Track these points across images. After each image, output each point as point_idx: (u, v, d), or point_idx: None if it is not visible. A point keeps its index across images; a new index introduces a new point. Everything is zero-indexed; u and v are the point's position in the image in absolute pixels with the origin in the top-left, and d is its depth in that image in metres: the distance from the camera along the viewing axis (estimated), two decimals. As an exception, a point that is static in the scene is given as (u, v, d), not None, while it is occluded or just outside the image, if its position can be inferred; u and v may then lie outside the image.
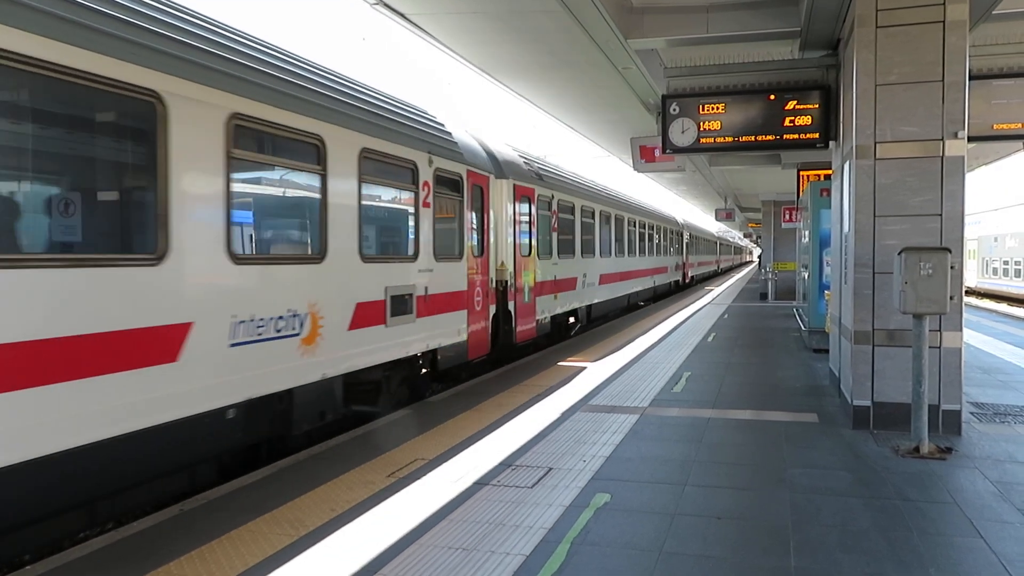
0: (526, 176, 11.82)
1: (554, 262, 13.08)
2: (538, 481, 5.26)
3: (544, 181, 12.69)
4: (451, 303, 8.85)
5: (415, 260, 8.02)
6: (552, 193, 13.02)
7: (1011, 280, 35.80)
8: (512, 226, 11.03)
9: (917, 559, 3.93)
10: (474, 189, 9.68)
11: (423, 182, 8.16)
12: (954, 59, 6.50)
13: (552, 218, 13.06)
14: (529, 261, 11.67)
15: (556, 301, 13.28)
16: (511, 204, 11.03)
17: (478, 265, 9.75)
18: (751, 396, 8.35)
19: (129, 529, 4.45)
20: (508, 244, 10.87)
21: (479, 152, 10.22)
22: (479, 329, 9.79)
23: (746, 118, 8.51)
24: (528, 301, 11.52)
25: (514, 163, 11.56)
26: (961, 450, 6.05)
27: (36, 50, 3.96)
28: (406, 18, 9.70)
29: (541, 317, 12.22)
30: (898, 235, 6.61)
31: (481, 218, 10.02)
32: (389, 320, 7.36)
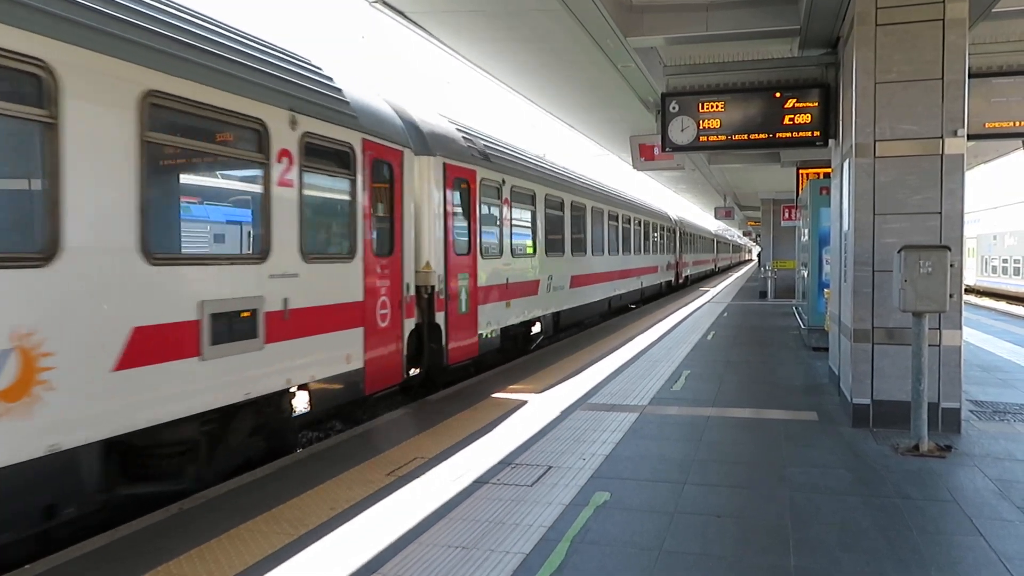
0: (464, 154, 9.53)
1: (506, 262, 10.90)
2: (538, 479, 5.26)
3: (492, 162, 10.41)
4: (335, 319, 6.68)
5: (263, 261, 5.79)
6: (503, 178, 10.75)
7: (1010, 278, 35.82)
8: (443, 217, 8.84)
9: (917, 557, 3.94)
10: (377, 166, 7.41)
11: (279, 151, 5.92)
12: (954, 57, 6.50)
13: (503, 208, 10.90)
14: (468, 261, 9.53)
15: (509, 310, 11.03)
16: (440, 189, 8.84)
17: (384, 267, 7.52)
18: (751, 394, 8.35)
19: (128, 528, 4.45)
20: (436, 240, 8.70)
21: (387, 118, 7.87)
22: (386, 352, 7.53)
23: (746, 116, 8.50)
24: (466, 311, 9.39)
25: (447, 137, 9.32)
26: (961, 448, 6.05)
27: None
28: (406, 16, 9.70)
29: (486, 331, 10.10)
30: (898, 233, 6.61)
31: (390, 205, 7.72)
32: (207, 349, 5.12)
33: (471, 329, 9.60)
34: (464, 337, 9.38)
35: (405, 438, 6.48)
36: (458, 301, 9.21)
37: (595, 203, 16.43)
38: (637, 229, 21.56)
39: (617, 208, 18.78)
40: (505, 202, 10.96)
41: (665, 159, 16.16)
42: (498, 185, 10.66)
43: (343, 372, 6.82)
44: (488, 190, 10.31)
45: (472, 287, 9.62)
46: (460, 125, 10.26)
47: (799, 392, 8.48)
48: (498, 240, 10.75)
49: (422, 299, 8.52)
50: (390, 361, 7.67)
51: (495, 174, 10.52)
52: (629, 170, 23.86)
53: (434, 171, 8.78)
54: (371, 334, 7.27)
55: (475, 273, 9.75)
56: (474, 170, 9.77)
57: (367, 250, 7.22)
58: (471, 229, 9.69)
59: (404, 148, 8.00)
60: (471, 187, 9.70)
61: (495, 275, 10.51)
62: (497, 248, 10.72)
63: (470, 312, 9.54)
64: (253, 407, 5.89)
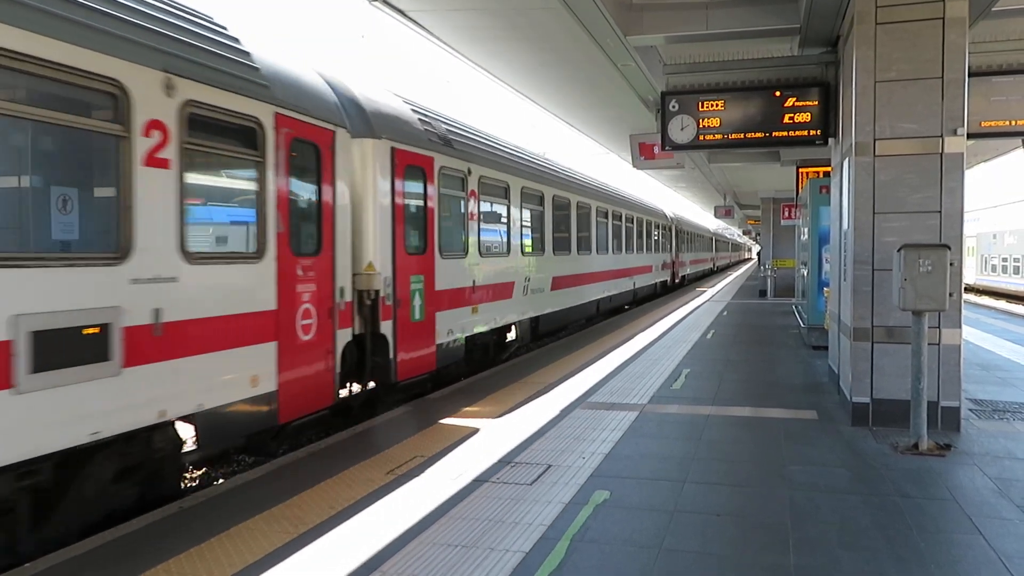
0: (419, 139, 8.31)
1: (472, 262, 9.69)
2: (537, 478, 5.26)
3: (455, 149, 9.22)
4: (234, 333, 5.44)
5: (120, 262, 4.56)
6: (469, 167, 9.55)
7: (1010, 277, 35.83)
8: (391, 211, 7.62)
9: (916, 556, 3.94)
10: (297, 147, 6.25)
11: (146, 122, 4.74)
12: (953, 56, 6.50)
13: (469, 201, 9.63)
14: (423, 261, 8.30)
15: (476, 316, 9.80)
16: (388, 177, 7.62)
17: (308, 269, 6.36)
18: (750, 393, 8.35)
19: (128, 527, 4.45)
20: (382, 237, 7.47)
21: (314, 92, 6.68)
22: (310, 371, 6.36)
23: (745, 115, 8.50)
24: (420, 318, 8.15)
25: (397, 118, 8.09)
26: (960, 447, 6.06)
27: None
28: (405, 15, 9.70)
29: (447, 340, 8.86)
30: (897, 232, 6.61)
31: (318, 195, 6.57)
32: (25, 379, 3.95)
33: (426, 339, 8.34)
34: (417, 348, 8.12)
35: (405, 436, 6.48)
36: (410, 307, 7.94)
37: (581, 198, 15.23)
38: (629, 227, 20.28)
39: (606, 204, 17.47)
40: (472, 195, 9.68)
41: (665, 158, 16.19)
42: (463, 175, 9.44)
43: (247, 397, 5.57)
44: (449, 180, 9.09)
45: (428, 291, 8.37)
46: (417, 106, 8.97)
47: (799, 391, 8.49)
48: (462, 237, 9.51)
49: (364, 306, 7.30)
50: (316, 381, 6.42)
51: (459, 162, 9.29)
52: (628, 169, 23.87)
53: (380, 156, 7.50)
54: (288, 349, 6.04)
55: (432, 275, 8.49)
56: (431, 157, 8.51)
57: (282, 248, 5.98)
58: (427, 225, 8.44)
59: (337, 128, 6.77)
60: (428, 176, 8.46)
61: (458, 277, 9.29)
62: (461, 246, 9.47)
63: (426, 319, 8.29)
64: (111, 448, 4.68)
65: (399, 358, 7.74)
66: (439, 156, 8.73)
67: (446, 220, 9.05)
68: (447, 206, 9.08)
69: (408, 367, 7.95)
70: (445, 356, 8.87)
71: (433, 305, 8.52)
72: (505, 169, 10.99)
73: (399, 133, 7.94)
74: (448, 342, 8.93)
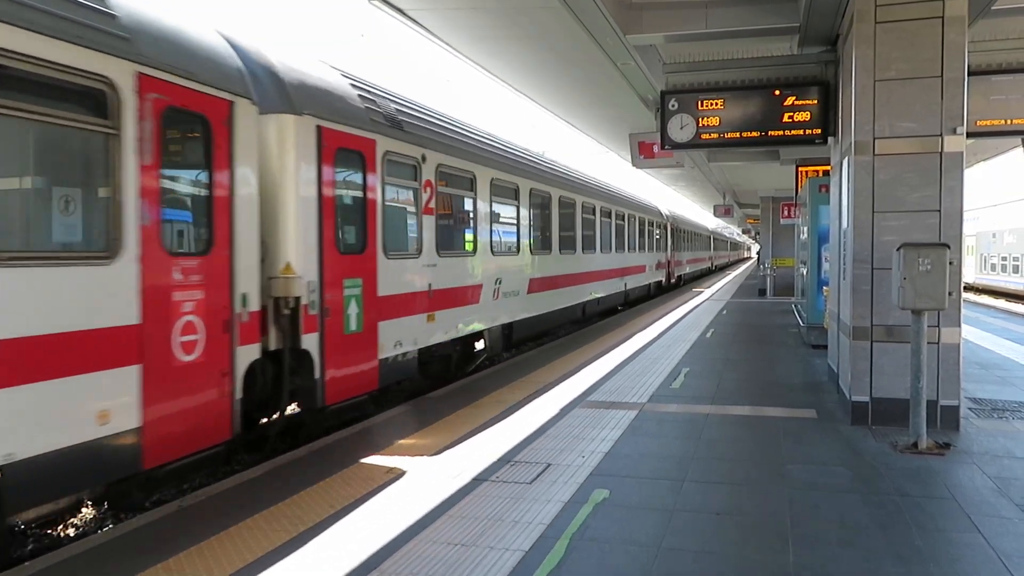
0: (357, 118, 7.14)
1: (428, 263, 8.48)
2: (537, 477, 5.26)
3: (405, 132, 8.01)
4: (72, 356, 4.25)
5: None
6: (423, 153, 8.37)
7: (1009, 276, 35.84)
8: (317, 202, 6.50)
9: (915, 555, 3.94)
10: (173, 118, 5.05)
11: None
12: (953, 55, 6.49)
13: (424, 193, 8.42)
14: (361, 262, 7.15)
15: (433, 324, 8.61)
16: (314, 161, 6.49)
17: (191, 272, 5.14)
18: (750, 392, 8.35)
19: (127, 525, 4.45)
20: (305, 233, 6.34)
21: (204, 52, 5.43)
22: (193, 402, 5.15)
23: (745, 114, 8.50)
24: (357, 329, 7.01)
25: (328, 92, 6.92)
26: (959, 446, 6.06)
27: None
28: (405, 14, 9.69)
29: (394, 353, 7.69)
30: (897, 231, 6.61)
31: (208, 180, 5.33)
32: None
33: (365, 353, 7.17)
34: (353, 364, 6.96)
35: (405, 435, 6.48)
36: (343, 316, 6.77)
37: (565, 193, 13.96)
38: (620, 224, 19.11)
39: (594, 200, 16.27)
40: (427, 186, 8.47)
41: (664, 157, 16.19)
42: (415, 162, 8.20)
43: (90, 440, 4.33)
44: (398, 168, 7.88)
45: (369, 297, 7.18)
46: (359, 81, 7.78)
47: (798, 390, 8.49)
48: (415, 234, 8.29)
49: (281, 316, 6.16)
50: (204, 412, 5.19)
51: (410, 147, 8.07)
52: (627, 168, 23.87)
53: (302, 136, 6.34)
54: (159, 374, 4.82)
55: (373, 278, 7.29)
56: (373, 140, 7.33)
57: (150, 245, 4.76)
58: (367, 220, 7.24)
59: (238, 98, 5.55)
60: (368, 162, 7.27)
61: (410, 280, 8.06)
62: (413, 245, 8.24)
63: (365, 330, 7.12)
64: None
65: (328, 376, 6.56)
66: (384, 139, 7.54)
67: (393, 214, 7.81)
68: (395, 198, 7.87)
69: (340, 387, 6.77)
70: (391, 372, 7.63)
71: (375, 313, 7.28)
72: (470, 157, 9.74)
73: (329, 110, 6.75)
74: (395, 356, 7.70)
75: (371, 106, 7.54)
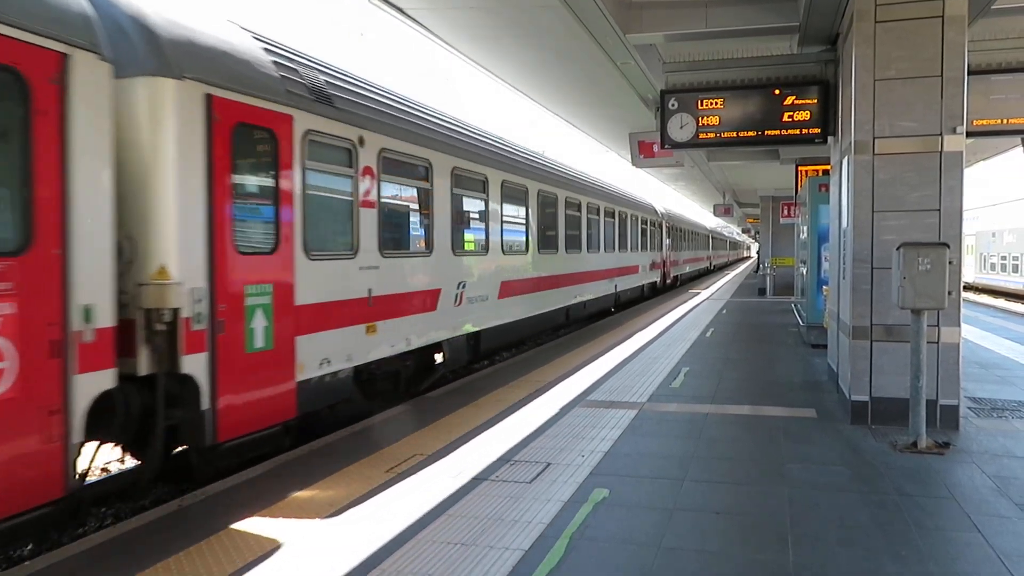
0: (267, 88, 5.91)
1: (366, 264, 7.21)
2: (536, 476, 5.26)
3: (338, 109, 6.84)
4: None
5: None
6: (361, 135, 7.13)
7: (1009, 275, 35.85)
8: (206, 189, 5.26)
9: (915, 554, 3.94)
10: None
11: None
12: (953, 54, 6.49)
13: (363, 183, 7.19)
14: (270, 264, 5.92)
15: (374, 337, 7.33)
16: (201, 139, 5.24)
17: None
18: (749, 392, 8.36)
19: (127, 525, 4.46)
20: (188, 228, 5.16)
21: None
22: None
23: (745, 113, 8.50)
24: (265, 346, 5.79)
25: (224, 54, 5.65)
26: (959, 445, 6.06)
27: None
28: (405, 13, 9.69)
29: (319, 374, 6.48)
30: (896, 231, 6.61)
31: (21, 155, 4.12)
32: None
33: (277, 374, 5.95)
34: (258, 389, 5.73)
35: (404, 434, 6.48)
36: (244, 330, 5.56)
37: (545, 187, 12.75)
38: (610, 222, 17.78)
39: (579, 195, 15.01)
40: (367, 173, 7.25)
41: (664, 156, 16.20)
42: (350, 145, 7.00)
43: None
44: (325, 151, 6.69)
45: (282, 306, 5.99)
46: (274, 44, 6.53)
47: (798, 389, 8.49)
48: (349, 231, 7.05)
49: (154, 333, 4.96)
50: (13, 467, 3.98)
51: (343, 127, 6.88)
52: (626, 167, 23.87)
53: (183, 106, 5.13)
54: None
55: (290, 283, 6.10)
56: (289, 115, 6.14)
57: None
58: (280, 212, 6.05)
59: (74, 50, 4.33)
60: (283, 143, 6.06)
61: (342, 285, 6.87)
62: (346, 243, 7.02)
63: (277, 347, 5.92)
64: None
65: (222, 406, 5.33)
66: (305, 115, 6.33)
67: (318, 207, 6.60)
68: (321, 187, 6.66)
69: (239, 418, 5.55)
70: (315, 395, 6.45)
71: (291, 326, 6.10)
72: (425, 142, 8.43)
73: (226, 76, 5.49)
74: (320, 376, 6.50)
75: (289, 75, 6.29)
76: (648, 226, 23.22)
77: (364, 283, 7.21)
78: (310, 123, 6.43)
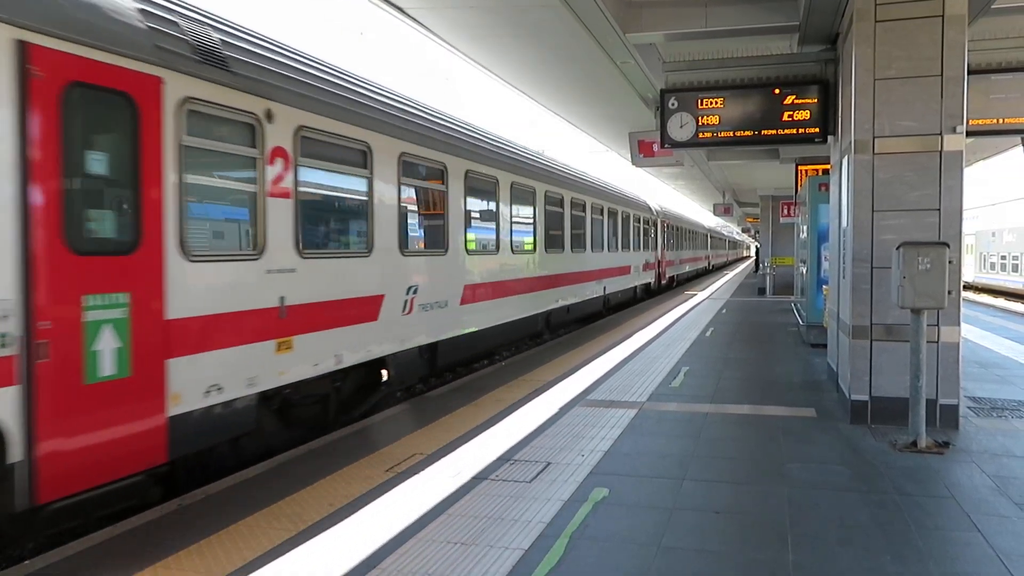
0: (120, 38, 4.65)
1: (278, 267, 5.95)
2: (536, 476, 5.26)
3: (235, 73, 5.54)
4: None
5: None
6: (268, 108, 5.85)
7: (1008, 275, 35.87)
8: (14, 166, 4.04)
9: (915, 553, 3.94)
10: None
11: None
12: (953, 54, 6.49)
13: (274, 167, 5.91)
14: (126, 268, 4.67)
15: (289, 355, 6.05)
16: (8, 100, 4.03)
17: None
18: (749, 391, 8.36)
19: (127, 524, 4.45)
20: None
21: None
22: None
23: (745, 112, 8.50)
24: (116, 374, 4.52)
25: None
26: (958, 445, 6.06)
27: None
28: (405, 12, 9.69)
29: (203, 404, 5.20)
30: (896, 230, 6.61)
31: None
32: None
33: (138, 408, 4.70)
34: (105, 429, 4.48)
35: (404, 434, 6.48)
36: (82, 355, 4.32)
37: (519, 179, 11.44)
38: (597, 219, 16.61)
39: (560, 189, 13.63)
40: (277, 155, 5.93)
41: (664, 155, 16.17)
42: (252, 120, 5.70)
43: None
44: (213, 125, 5.41)
45: (145, 321, 4.73)
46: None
47: (797, 388, 8.49)
48: (251, 226, 5.79)
49: None
50: None
51: (242, 97, 5.58)
52: (626, 167, 23.83)
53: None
54: None
55: (157, 291, 4.84)
56: (158, 77, 4.87)
57: None
58: (143, 200, 4.77)
59: None
60: (145, 111, 4.79)
61: (240, 292, 5.55)
62: (246, 240, 5.79)
63: (137, 374, 4.67)
64: None
65: (42, 455, 4.09)
66: (183, 79, 5.06)
67: (203, 195, 5.42)
68: (207, 170, 5.46)
69: (73, 470, 4.30)
70: (199, 432, 5.18)
71: (160, 346, 4.84)
72: (363, 122, 7.14)
73: (52, 18, 4.23)
74: (207, 407, 5.21)
75: (162, 27, 4.99)
76: (641, 224, 22.14)
77: (274, 290, 5.90)
78: (190, 89, 5.12)
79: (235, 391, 5.50)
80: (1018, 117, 8.64)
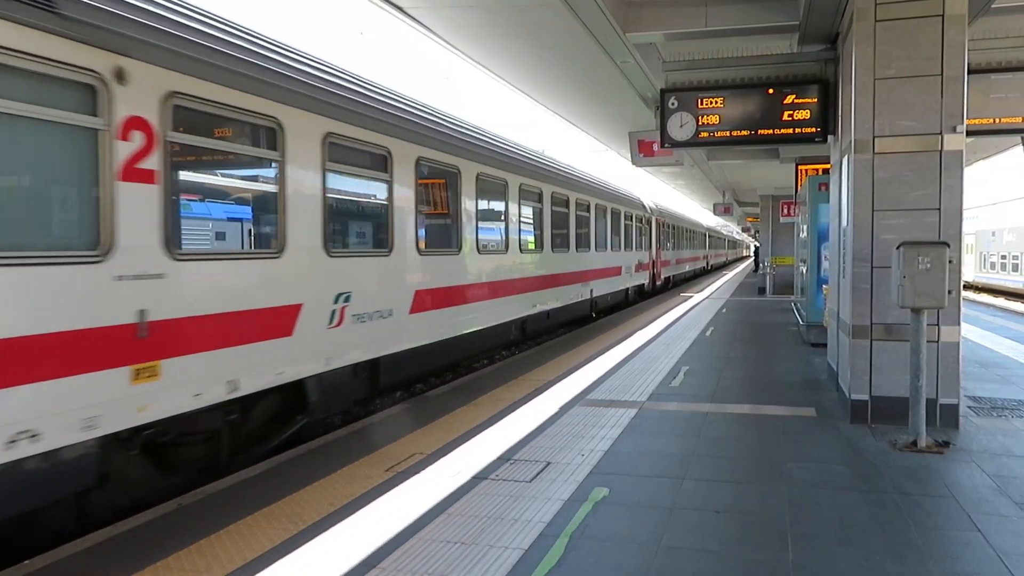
0: None
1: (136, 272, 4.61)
2: (536, 475, 5.26)
3: (65, 17, 4.12)
4: None
5: None
6: (120, 65, 4.47)
7: (1008, 274, 35.87)
8: None
9: (915, 552, 3.94)
10: None
11: None
12: (953, 53, 6.49)
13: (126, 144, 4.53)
14: None
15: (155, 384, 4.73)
16: None
17: None
18: (749, 390, 8.36)
19: (127, 524, 4.45)
20: None
21: None
22: None
23: (745, 112, 8.50)
24: None
25: None
26: (958, 444, 6.06)
27: None
28: (404, 12, 9.69)
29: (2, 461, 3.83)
30: (896, 230, 6.61)
31: None
32: None
33: None
34: None
35: (404, 433, 6.48)
36: None
37: (487, 169, 10.12)
38: (584, 216, 15.39)
39: (538, 182, 12.33)
40: (132, 126, 4.58)
41: (664, 155, 16.16)
42: (92, 79, 4.34)
43: None
44: (25, 83, 4.01)
45: None
46: None
47: (797, 388, 8.49)
48: (89, 219, 4.42)
49: None
50: None
51: (76, 49, 4.22)
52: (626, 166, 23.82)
53: None
54: None
55: None
56: None
57: None
58: None
59: None
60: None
61: (69, 306, 4.20)
62: (81, 237, 4.42)
63: None
64: None
65: None
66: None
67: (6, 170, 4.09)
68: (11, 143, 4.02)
69: None
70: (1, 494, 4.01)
71: None
72: (267, 91, 5.74)
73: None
74: (15, 463, 3.94)
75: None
76: (634, 222, 20.74)
77: (128, 301, 4.55)
78: None
79: (64, 436, 4.16)
80: (1018, 117, 8.64)
